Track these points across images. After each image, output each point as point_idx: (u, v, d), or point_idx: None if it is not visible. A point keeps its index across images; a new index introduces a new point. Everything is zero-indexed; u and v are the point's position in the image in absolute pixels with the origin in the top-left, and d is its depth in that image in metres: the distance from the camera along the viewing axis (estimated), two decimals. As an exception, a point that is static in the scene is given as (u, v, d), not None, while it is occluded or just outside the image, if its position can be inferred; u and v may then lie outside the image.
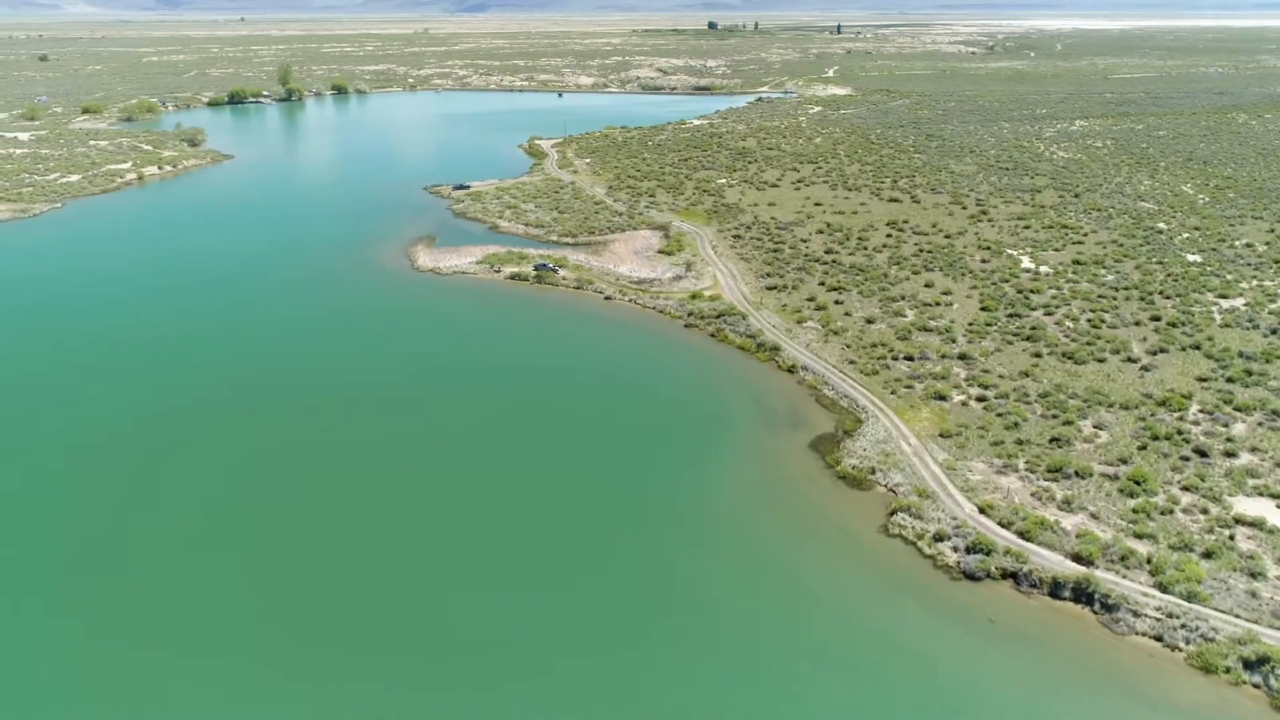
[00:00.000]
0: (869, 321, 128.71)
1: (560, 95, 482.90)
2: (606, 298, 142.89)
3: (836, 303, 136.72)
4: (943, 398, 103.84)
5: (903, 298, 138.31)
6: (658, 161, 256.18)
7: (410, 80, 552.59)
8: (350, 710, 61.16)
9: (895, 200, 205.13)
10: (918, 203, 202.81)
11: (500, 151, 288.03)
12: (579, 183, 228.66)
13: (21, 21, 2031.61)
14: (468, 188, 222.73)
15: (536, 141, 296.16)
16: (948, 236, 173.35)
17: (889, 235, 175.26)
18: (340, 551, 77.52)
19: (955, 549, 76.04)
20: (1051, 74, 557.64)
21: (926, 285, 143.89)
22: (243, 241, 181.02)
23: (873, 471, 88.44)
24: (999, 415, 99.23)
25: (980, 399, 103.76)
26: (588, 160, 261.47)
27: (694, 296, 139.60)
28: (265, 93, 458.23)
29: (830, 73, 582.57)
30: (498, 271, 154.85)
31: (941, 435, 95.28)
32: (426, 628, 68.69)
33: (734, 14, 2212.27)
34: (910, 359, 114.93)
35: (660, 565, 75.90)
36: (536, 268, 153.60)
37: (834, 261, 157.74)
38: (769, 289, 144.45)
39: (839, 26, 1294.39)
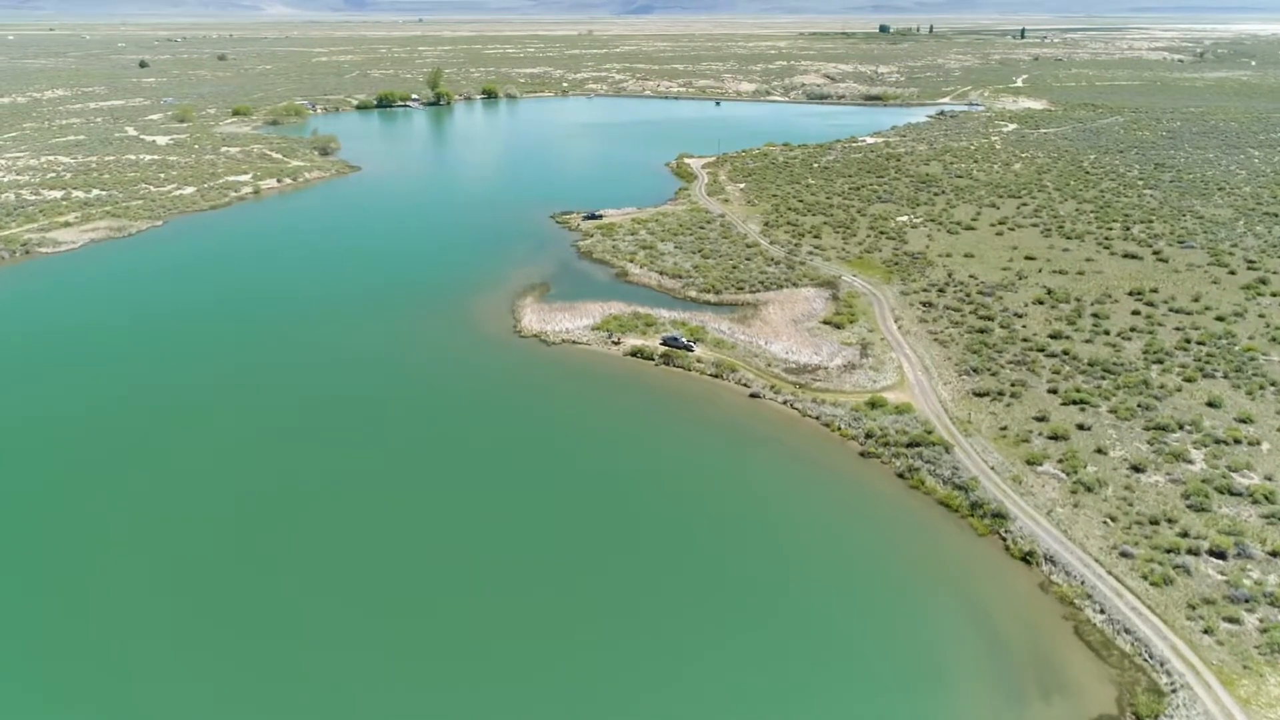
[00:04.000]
0: (1136, 469, 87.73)
1: (718, 104, 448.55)
2: (752, 394, 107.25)
3: (1080, 427, 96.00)
4: (1299, 652, 63.24)
5: (1180, 425, 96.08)
6: (824, 190, 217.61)
7: (564, 85, 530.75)
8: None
9: (1133, 256, 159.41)
10: (1164, 261, 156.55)
11: (644, 169, 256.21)
12: (729, 216, 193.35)
13: (226, 22, 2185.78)
14: (599, 217, 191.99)
15: (685, 160, 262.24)
16: (1220, 318, 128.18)
17: (1136, 312, 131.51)
18: None
19: None
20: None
21: (1210, 404, 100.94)
22: (327, 281, 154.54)
23: (1210, 838, 49.81)
24: None
25: (1367, 660, 62.52)
26: (742, 185, 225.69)
27: (873, 404, 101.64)
28: (414, 96, 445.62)
29: (1019, 82, 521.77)
30: (616, 343, 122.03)
31: (1320, 749, 55.34)
32: None
33: (906, 16, 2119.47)
34: (1220, 555, 74.01)
35: None
36: (664, 341, 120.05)
37: (1066, 353, 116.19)
38: (978, 394, 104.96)
39: (1023, 31, 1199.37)
